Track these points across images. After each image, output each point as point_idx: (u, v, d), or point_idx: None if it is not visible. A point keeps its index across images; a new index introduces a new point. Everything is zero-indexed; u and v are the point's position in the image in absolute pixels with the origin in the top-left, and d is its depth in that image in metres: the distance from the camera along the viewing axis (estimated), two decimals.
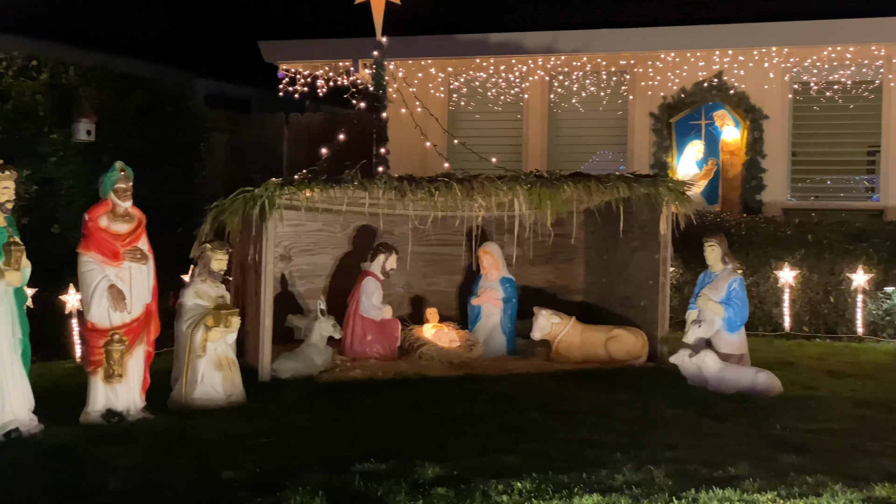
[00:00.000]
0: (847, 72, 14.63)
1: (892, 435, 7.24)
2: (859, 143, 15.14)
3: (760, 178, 14.95)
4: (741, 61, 14.89)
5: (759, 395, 8.59)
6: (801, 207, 14.88)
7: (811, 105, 14.94)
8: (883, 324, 12.01)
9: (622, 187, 10.06)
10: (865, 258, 12.03)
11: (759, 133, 14.95)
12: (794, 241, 12.56)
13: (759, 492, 5.69)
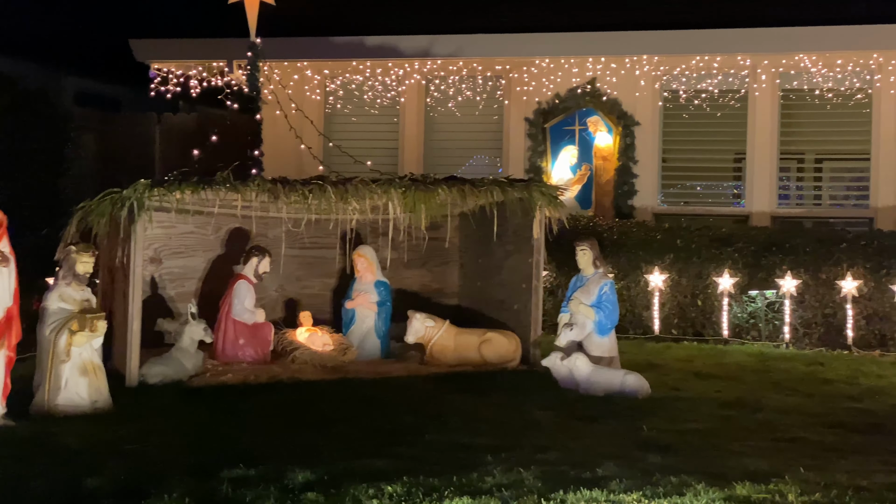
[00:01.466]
0: (714, 80, 15.03)
1: (754, 435, 7.44)
2: (726, 150, 15.57)
3: (632, 183, 15.24)
4: (614, 68, 15.17)
5: (628, 397, 8.73)
6: (671, 212, 15.22)
7: (680, 112, 15.30)
8: (747, 326, 12.34)
9: (496, 191, 10.12)
10: (731, 262, 12.34)
11: (631, 139, 15.24)
12: (664, 245, 12.80)
13: (626, 492, 5.76)
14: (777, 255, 12.31)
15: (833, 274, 11.92)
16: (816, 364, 10.83)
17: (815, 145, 15.36)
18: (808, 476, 6.11)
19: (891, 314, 11.73)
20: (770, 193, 14.98)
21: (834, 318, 11.98)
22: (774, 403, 8.66)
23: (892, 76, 14.32)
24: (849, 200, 15.34)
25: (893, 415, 8.26)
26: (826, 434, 7.49)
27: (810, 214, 14.93)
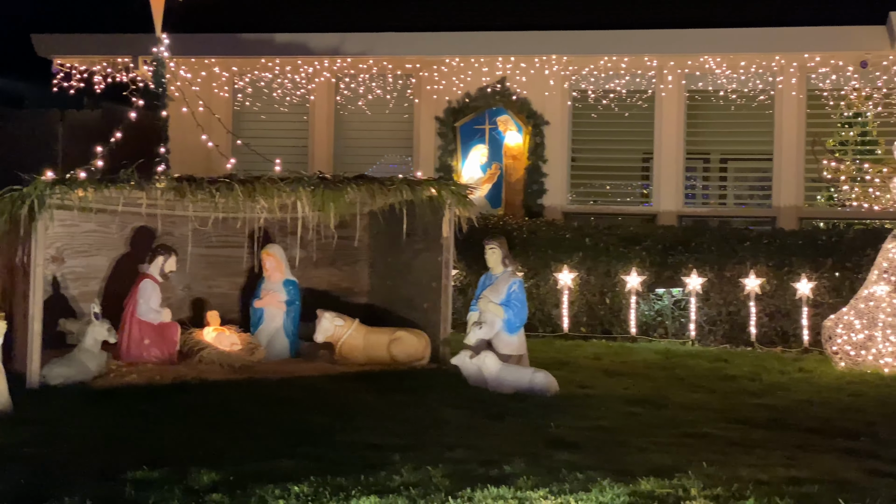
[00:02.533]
0: (622, 81, 15.19)
1: (660, 431, 7.53)
2: (634, 149, 15.75)
3: (542, 182, 15.33)
4: (523, 68, 15.25)
5: (536, 395, 8.78)
6: (580, 211, 15.34)
7: (589, 112, 15.43)
8: (654, 324, 12.52)
9: (405, 190, 10.11)
10: (639, 261, 12.50)
11: (541, 138, 15.33)
12: (573, 244, 12.92)
13: (533, 488, 5.79)
14: (683, 253, 12.51)
15: (737, 272, 12.15)
16: (721, 361, 11.03)
17: (721, 146, 15.62)
18: (711, 471, 6.20)
19: (792, 311, 11.98)
20: (677, 193, 15.19)
21: (738, 316, 12.21)
22: (680, 400, 8.79)
23: (793, 78, 14.61)
24: (753, 200, 15.62)
25: (794, 410, 8.44)
26: (729, 429, 7.62)
27: (716, 213, 15.18)
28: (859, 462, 6.60)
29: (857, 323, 10.58)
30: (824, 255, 12.06)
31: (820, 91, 14.72)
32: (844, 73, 14.45)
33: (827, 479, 6.04)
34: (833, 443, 7.20)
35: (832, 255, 12.02)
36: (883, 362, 10.39)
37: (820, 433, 7.53)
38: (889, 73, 14.24)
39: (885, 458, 6.75)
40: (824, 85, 14.66)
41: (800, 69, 14.61)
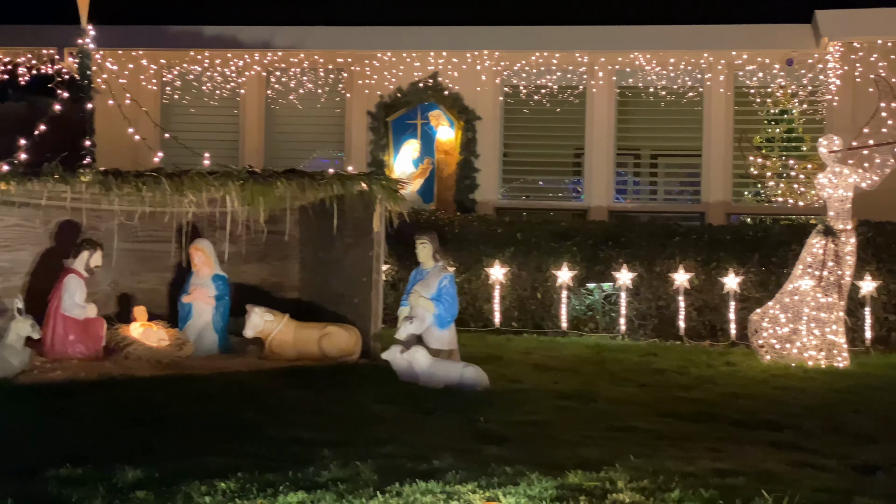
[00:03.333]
0: (554, 77, 15.25)
1: (588, 425, 7.57)
2: (566, 145, 15.83)
3: (474, 177, 15.36)
4: (455, 63, 15.26)
5: (467, 390, 8.78)
6: (512, 206, 15.41)
7: (521, 108, 15.49)
8: (585, 318, 12.60)
9: (336, 185, 10.05)
10: (570, 256, 12.56)
11: (473, 133, 15.36)
12: (505, 239, 12.95)
13: (461, 483, 5.78)
14: (614, 248, 12.60)
15: (666, 267, 12.26)
16: (650, 355, 11.13)
17: (651, 142, 15.76)
18: (638, 463, 6.25)
19: (720, 306, 12.12)
20: (607, 188, 15.31)
21: (667, 310, 12.33)
22: (609, 394, 8.85)
23: (721, 75, 14.79)
24: (682, 196, 15.78)
25: (721, 403, 8.53)
26: (657, 422, 7.68)
27: (646, 209, 15.31)
28: (783, 454, 6.69)
29: (782, 317, 10.74)
30: (751, 250, 12.22)
31: (747, 88, 14.93)
32: (771, 70, 14.67)
33: (751, 471, 6.11)
34: (757, 435, 7.29)
35: (759, 251, 12.18)
36: (807, 355, 10.56)
37: (745, 426, 7.62)
38: (814, 70, 14.47)
39: (808, 449, 6.86)
40: (751, 82, 14.86)
41: (728, 67, 14.79)
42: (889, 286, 11.63)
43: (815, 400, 8.69)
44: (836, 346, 10.58)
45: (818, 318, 10.61)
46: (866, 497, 5.57)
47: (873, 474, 6.24)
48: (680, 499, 5.55)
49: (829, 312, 10.61)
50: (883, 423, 7.78)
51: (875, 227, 12.06)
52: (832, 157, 10.92)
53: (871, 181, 10.87)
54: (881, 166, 10.84)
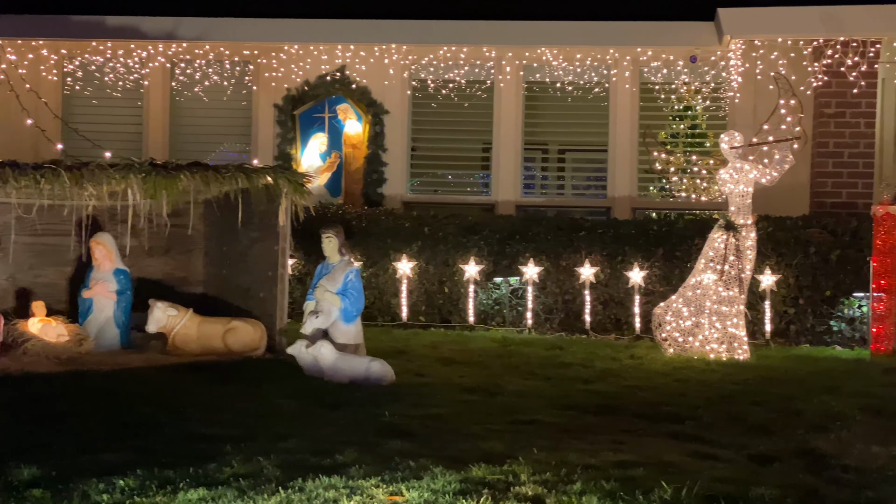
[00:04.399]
0: (462, 71, 15.28)
1: (493, 418, 7.59)
2: (474, 140, 15.85)
3: (382, 171, 15.32)
4: (363, 56, 15.20)
5: (372, 384, 8.76)
6: (420, 201, 15.38)
7: (429, 102, 15.48)
8: (492, 313, 12.64)
9: (241, 178, 9.93)
10: (477, 250, 12.60)
11: (381, 127, 15.31)
12: (412, 233, 12.95)
13: (364, 477, 5.77)
14: (521, 243, 12.67)
15: (573, 261, 12.36)
16: (556, 348, 11.21)
17: (559, 136, 15.86)
18: (541, 456, 6.28)
19: (625, 299, 12.26)
20: (515, 183, 15.38)
21: (573, 304, 12.43)
22: (514, 387, 8.89)
23: (626, 71, 14.94)
24: (589, 190, 15.92)
25: (624, 395, 8.62)
26: (561, 416, 7.74)
27: (553, 203, 15.41)
28: (683, 445, 6.79)
29: (685, 310, 10.90)
30: (655, 244, 12.37)
31: (652, 84, 15.11)
32: (675, 67, 14.87)
33: (652, 462, 6.19)
34: (659, 427, 7.39)
35: (663, 245, 12.34)
36: (709, 348, 10.74)
37: (647, 418, 7.71)
38: (717, 67, 14.70)
39: (708, 440, 6.96)
40: (656, 79, 15.05)
41: (633, 63, 14.96)
42: (788, 280, 11.88)
43: (716, 392, 8.83)
44: (736, 338, 10.78)
45: (720, 311, 10.79)
46: (763, 487, 5.68)
47: (770, 464, 6.37)
48: (581, 491, 5.59)
49: (731, 306, 10.80)
50: (780, 414, 7.93)
51: (775, 221, 12.30)
52: (733, 153, 11.11)
53: (770, 177, 11.08)
54: (780, 162, 11.06)
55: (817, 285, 11.93)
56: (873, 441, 6.95)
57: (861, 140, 13.76)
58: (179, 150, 15.23)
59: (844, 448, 6.78)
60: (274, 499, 5.41)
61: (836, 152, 13.78)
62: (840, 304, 11.88)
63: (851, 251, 11.90)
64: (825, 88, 13.78)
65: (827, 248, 11.97)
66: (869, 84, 13.64)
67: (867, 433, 7.23)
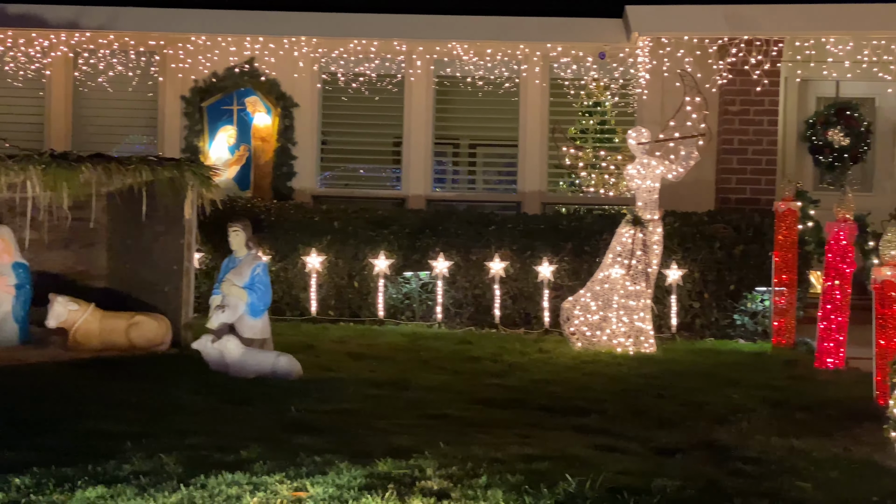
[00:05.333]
0: (372, 65, 15.19)
1: (401, 413, 7.58)
2: (385, 134, 15.77)
3: (291, 165, 15.18)
4: (272, 49, 15.04)
5: (280, 379, 8.68)
6: (331, 195, 15.28)
7: (340, 95, 15.37)
8: (402, 307, 12.61)
9: (145, 170, 9.77)
10: (387, 244, 12.55)
11: (291, 121, 15.17)
12: (322, 227, 12.85)
13: (269, 473, 5.71)
14: (431, 237, 12.65)
15: (483, 255, 12.38)
16: (465, 343, 11.22)
17: (470, 131, 15.85)
18: (448, 450, 6.28)
19: (534, 294, 12.32)
20: (426, 177, 15.35)
21: (483, 298, 12.45)
22: (423, 382, 8.87)
23: (536, 67, 15.01)
24: (500, 185, 15.96)
25: (532, 389, 8.67)
26: (468, 410, 7.75)
27: (464, 198, 15.40)
28: (589, 438, 6.84)
29: (593, 305, 10.99)
30: (565, 239, 12.45)
31: (562, 80, 15.19)
32: (585, 63, 14.97)
33: (557, 456, 6.22)
34: (566, 420, 7.43)
35: (572, 240, 12.42)
36: (616, 342, 10.84)
37: (554, 411, 7.76)
38: (625, 64, 14.85)
39: (613, 433, 7.03)
40: (566, 74, 15.13)
41: (543, 58, 15.03)
42: (694, 275, 12.05)
43: (622, 385, 8.93)
44: (643, 332, 10.90)
45: (627, 305, 10.90)
46: (665, 478, 5.74)
47: (673, 456, 6.45)
48: (487, 485, 5.60)
49: (637, 300, 10.92)
50: (684, 406, 8.04)
51: (681, 217, 12.46)
52: (641, 149, 11.23)
53: (676, 172, 11.23)
54: (686, 158, 11.20)
55: (722, 280, 12.12)
56: (773, 433, 7.09)
57: (764, 137, 14.00)
58: (83, 142, 14.91)
59: (745, 440, 6.91)
60: (175, 496, 5.32)
61: (741, 149, 14.01)
62: (743, 298, 12.09)
63: (754, 246, 12.11)
64: (730, 86, 13.99)
65: (731, 243, 12.17)
66: (772, 82, 13.88)
67: (767, 425, 7.37)
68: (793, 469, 6.18)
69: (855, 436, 7.11)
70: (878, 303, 8.24)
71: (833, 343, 10.02)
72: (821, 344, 10.11)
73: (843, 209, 10.01)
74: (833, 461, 6.38)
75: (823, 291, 10.15)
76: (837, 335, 10.01)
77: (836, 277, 9.97)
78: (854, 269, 10.09)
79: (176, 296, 10.16)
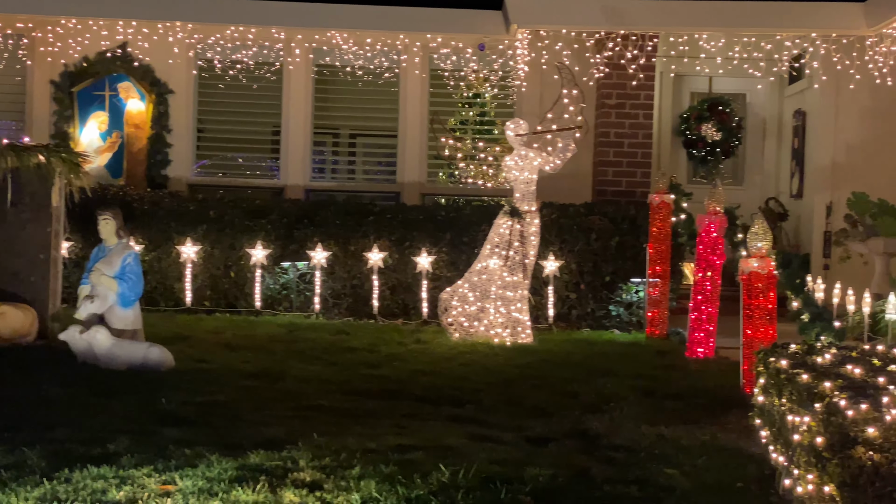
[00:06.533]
0: (250, 52, 14.98)
1: (275, 404, 7.48)
2: (264, 122, 15.59)
3: (166, 152, 14.89)
4: (146, 34, 14.70)
5: (151, 370, 8.50)
6: (207, 183, 15.04)
7: (217, 83, 15.12)
8: (280, 298, 12.50)
9: (10, 156, 9.48)
10: (264, 234, 12.42)
11: (165, 108, 14.87)
12: (197, 216, 12.65)
13: (136, 466, 5.58)
14: (309, 227, 12.55)
15: (361, 246, 12.34)
16: (343, 333, 11.15)
17: (350, 121, 15.77)
18: (322, 442, 6.23)
19: (413, 285, 12.32)
20: (304, 167, 15.21)
21: (361, 289, 12.41)
22: (298, 373, 8.78)
23: (416, 57, 14.99)
24: (380, 176, 15.90)
25: (408, 380, 8.64)
26: (343, 401, 7.69)
27: (343, 188, 15.30)
28: (463, 428, 6.85)
29: (470, 295, 11.02)
30: (443, 230, 12.48)
31: (442, 71, 15.20)
32: (465, 54, 15.00)
33: (432, 446, 6.21)
34: (441, 411, 7.43)
35: (450, 231, 12.46)
36: (493, 332, 10.90)
37: (430, 402, 7.75)
38: (505, 56, 14.92)
39: (487, 423, 7.05)
40: (446, 65, 15.14)
41: (423, 49, 15.01)
42: (570, 266, 12.19)
43: (498, 376, 8.96)
44: (520, 323, 10.98)
45: (504, 296, 10.97)
46: (537, 467, 5.78)
47: (546, 445, 6.50)
48: (360, 475, 5.56)
49: (515, 291, 10.99)
50: (558, 396, 8.11)
51: (558, 208, 12.58)
52: (519, 141, 11.30)
53: (553, 164, 11.33)
54: (563, 150, 11.32)
55: (598, 271, 12.30)
56: (643, 421, 7.20)
57: (640, 131, 14.22)
58: None
59: (616, 428, 7.00)
60: (38, 491, 5.15)
61: (617, 142, 14.21)
62: (619, 289, 12.28)
63: (630, 238, 12.31)
64: (607, 80, 14.19)
65: (607, 235, 12.34)
66: (647, 77, 14.11)
67: (638, 413, 7.48)
68: (661, 456, 6.28)
69: (722, 423, 7.26)
70: (746, 294, 8.44)
71: (703, 333, 10.23)
72: (692, 334, 10.32)
73: (713, 202, 10.23)
74: (700, 448, 6.50)
75: (695, 283, 10.37)
76: (708, 325, 10.23)
77: (707, 269, 10.19)
78: (724, 260, 10.33)
79: (43, 286, 9.86)
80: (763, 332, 8.27)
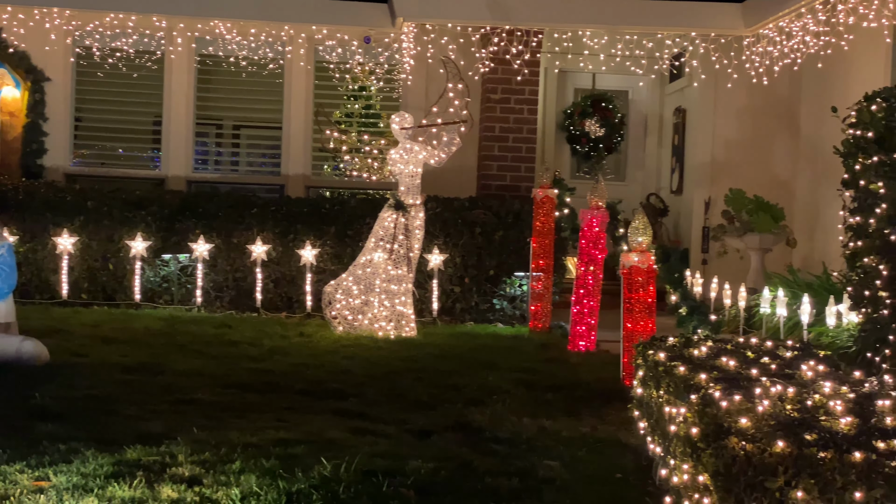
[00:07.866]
0: (130, 40, 14.65)
1: (153, 398, 7.35)
2: (145, 112, 15.27)
3: (42, 142, 14.48)
4: (22, 19, 14.27)
5: (24, 364, 8.26)
6: (86, 174, 14.68)
7: (96, 71, 14.77)
8: (160, 290, 12.30)
9: None
10: (144, 226, 12.21)
11: (42, 95, 14.46)
12: (74, 207, 12.38)
13: (8, 463, 5.45)
14: (191, 219, 12.38)
15: (244, 238, 12.21)
16: (225, 327, 11.02)
17: (234, 112, 15.55)
18: (201, 436, 6.16)
19: (297, 278, 12.24)
20: (186, 158, 14.96)
21: (244, 282, 12.28)
22: (178, 366, 8.64)
23: (301, 49, 14.86)
24: (264, 168, 15.73)
25: (290, 373, 8.58)
26: (225, 394, 7.60)
27: (227, 180, 15.08)
28: (346, 421, 6.83)
29: (354, 288, 10.99)
30: (328, 223, 12.42)
31: (328, 63, 15.10)
32: (350, 47, 14.92)
33: (314, 440, 6.19)
34: (323, 404, 7.39)
35: (335, 224, 12.40)
36: (377, 326, 10.88)
37: (312, 395, 7.71)
38: (391, 49, 14.89)
39: (370, 416, 7.04)
40: (331, 58, 15.04)
41: (308, 41, 14.89)
42: (455, 259, 12.24)
43: (381, 369, 8.95)
44: (404, 316, 10.98)
45: (389, 289, 10.96)
46: (420, 460, 5.80)
47: (428, 438, 6.52)
48: (241, 470, 5.51)
49: (399, 284, 10.99)
50: (441, 389, 8.14)
51: (443, 202, 12.61)
52: (404, 134, 11.30)
53: (438, 158, 11.36)
54: (448, 144, 11.35)
55: (482, 265, 12.37)
56: (525, 413, 7.27)
57: (524, 126, 14.31)
58: None
59: (498, 421, 7.05)
60: None
61: (502, 136, 14.27)
62: (502, 283, 12.37)
63: (513, 232, 12.42)
64: (492, 74, 14.25)
65: (491, 229, 12.43)
66: (532, 72, 14.20)
67: (520, 406, 7.54)
68: (543, 448, 6.35)
69: (602, 415, 7.37)
70: (626, 287, 8.58)
71: (585, 327, 10.38)
72: (574, 327, 10.46)
73: (595, 197, 10.37)
74: (581, 440, 6.60)
75: (577, 277, 10.51)
76: (589, 319, 10.38)
77: (590, 263, 10.33)
78: (606, 255, 10.50)
79: None
80: (643, 326, 8.43)
